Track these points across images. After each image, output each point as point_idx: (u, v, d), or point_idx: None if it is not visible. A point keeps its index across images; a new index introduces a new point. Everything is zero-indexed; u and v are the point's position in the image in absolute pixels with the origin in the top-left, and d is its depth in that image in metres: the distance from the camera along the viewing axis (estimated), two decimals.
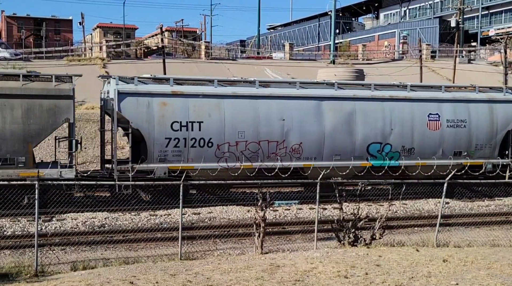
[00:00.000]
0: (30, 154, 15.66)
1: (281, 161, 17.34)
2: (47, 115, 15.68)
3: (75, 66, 41.29)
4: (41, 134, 15.92)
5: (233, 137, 16.97)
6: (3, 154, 15.28)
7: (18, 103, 15.42)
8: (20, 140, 15.47)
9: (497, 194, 19.94)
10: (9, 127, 15.36)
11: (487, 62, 54.16)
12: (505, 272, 9.29)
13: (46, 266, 10.29)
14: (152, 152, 16.43)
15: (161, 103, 16.52)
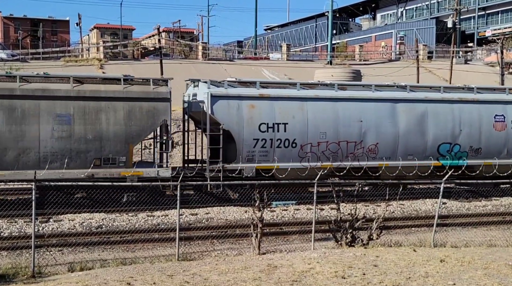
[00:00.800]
0: (130, 154, 16.44)
1: (359, 161, 18.12)
2: (147, 117, 16.45)
3: (72, 67, 41.25)
4: (140, 135, 16.87)
5: (315, 138, 17.75)
6: (106, 153, 16.08)
7: (120, 106, 16.20)
8: (122, 141, 16.23)
9: (494, 194, 20.00)
10: (112, 129, 16.14)
11: (483, 62, 54.30)
12: (502, 272, 9.31)
13: (43, 267, 10.27)
14: (241, 152, 17.19)
15: (250, 105, 17.33)
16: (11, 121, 15.43)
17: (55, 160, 15.68)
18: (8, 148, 15.42)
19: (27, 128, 15.52)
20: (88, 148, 15.96)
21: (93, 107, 16.02)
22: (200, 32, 78.05)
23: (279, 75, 43.88)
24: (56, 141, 15.73)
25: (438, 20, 69.70)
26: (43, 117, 15.62)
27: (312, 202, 12.29)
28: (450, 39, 50.89)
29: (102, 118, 16.07)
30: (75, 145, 15.86)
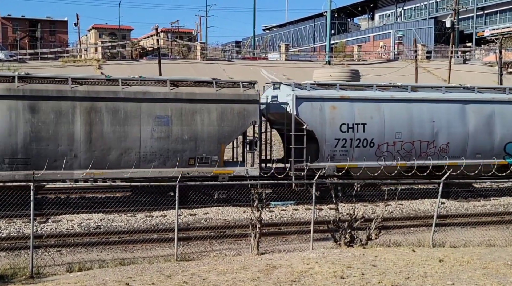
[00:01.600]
0: (221, 154, 17.20)
1: (431, 160, 18.90)
2: (238, 118, 17.23)
3: (70, 67, 41.22)
4: (232, 136, 17.58)
5: (391, 137, 18.64)
6: (200, 153, 16.88)
7: (214, 108, 16.98)
8: (215, 141, 16.99)
9: (493, 193, 20.03)
10: (206, 129, 16.91)
11: (482, 62, 54.34)
12: (501, 272, 9.31)
13: (41, 267, 10.25)
14: (323, 151, 18.01)
15: (331, 107, 18.16)
16: (115, 123, 16.16)
17: (154, 159, 16.47)
18: (112, 148, 16.12)
19: (129, 129, 16.27)
20: (184, 148, 16.73)
21: (189, 109, 16.79)
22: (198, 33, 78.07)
23: (277, 75, 43.88)
24: (155, 142, 16.48)
25: (437, 20, 69.75)
26: (143, 118, 16.38)
27: (311, 202, 12.29)
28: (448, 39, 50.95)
29: (197, 120, 16.86)
30: (172, 145, 16.61)
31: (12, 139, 15.30)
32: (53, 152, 15.57)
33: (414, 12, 78.89)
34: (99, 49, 49.57)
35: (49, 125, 15.56)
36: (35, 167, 14.73)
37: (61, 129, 15.65)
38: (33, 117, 15.48)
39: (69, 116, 15.77)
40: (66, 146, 15.70)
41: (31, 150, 15.43)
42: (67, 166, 15.60)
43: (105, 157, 16.00)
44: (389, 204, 17.70)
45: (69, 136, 15.73)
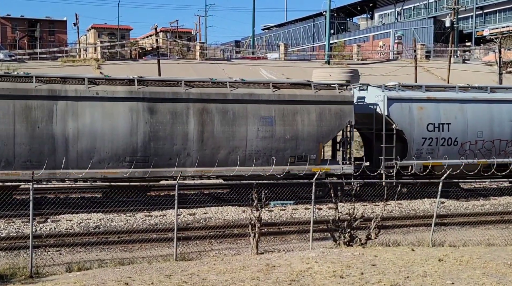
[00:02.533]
0: (319, 152, 18.10)
1: (510, 158, 20.08)
2: (335, 119, 18.04)
3: (69, 67, 41.19)
4: (329, 135, 18.40)
5: (473, 136, 19.64)
6: (300, 152, 17.69)
7: (313, 109, 17.83)
8: (314, 140, 17.83)
9: (492, 193, 20.03)
10: (306, 129, 17.73)
11: (481, 62, 54.35)
12: (501, 271, 9.31)
13: (41, 267, 10.24)
14: (411, 150, 18.95)
15: (419, 107, 19.16)
16: (224, 123, 17.04)
17: (258, 158, 17.33)
18: (221, 147, 17.00)
19: (237, 129, 17.14)
20: (286, 147, 17.56)
21: (290, 110, 17.62)
22: (197, 32, 78.02)
23: (276, 75, 43.88)
24: (260, 141, 17.34)
25: (436, 20, 69.78)
26: (250, 119, 17.25)
27: (310, 202, 12.28)
28: (448, 38, 50.97)
29: (298, 120, 17.68)
30: (275, 144, 17.46)
31: (133, 138, 16.19)
32: (169, 150, 16.51)
33: (413, 11, 78.92)
34: (98, 49, 49.54)
35: (166, 125, 16.48)
36: (152, 165, 16.10)
37: (176, 129, 16.58)
38: (152, 118, 16.39)
39: (183, 117, 16.68)
40: (180, 144, 16.62)
41: (150, 148, 16.35)
42: (181, 164, 16.48)
43: (214, 155, 16.91)
44: (389, 203, 17.69)
45: (183, 136, 16.65)
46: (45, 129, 15.44)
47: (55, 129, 15.54)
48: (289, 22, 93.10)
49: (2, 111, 15.12)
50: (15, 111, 15.22)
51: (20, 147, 15.27)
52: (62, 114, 15.62)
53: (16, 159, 15.27)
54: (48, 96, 15.58)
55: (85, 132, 15.78)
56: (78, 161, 15.71)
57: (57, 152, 15.55)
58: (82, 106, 15.81)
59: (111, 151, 15.99)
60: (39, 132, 15.41)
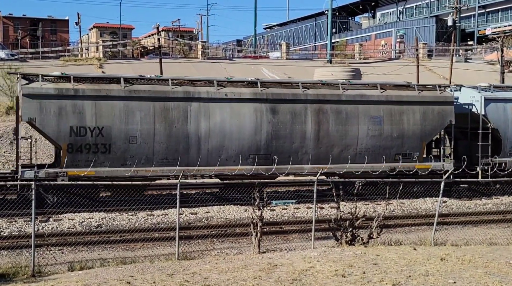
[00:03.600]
0: (422, 150, 19.07)
1: None
2: (437, 118, 19.05)
3: (71, 66, 41.22)
4: (432, 134, 19.31)
5: None
6: (405, 149, 18.74)
7: (417, 109, 18.86)
8: (418, 139, 18.85)
9: (495, 192, 20.00)
10: (411, 128, 18.76)
11: (483, 61, 54.24)
12: (503, 271, 9.30)
13: (43, 266, 10.26)
14: (505, 148, 20.03)
15: None
16: (338, 122, 18.04)
17: (367, 155, 18.29)
18: (334, 145, 18.03)
19: (349, 128, 18.13)
20: (392, 145, 18.60)
21: (397, 110, 18.67)
22: (199, 31, 77.99)
23: (278, 74, 43.85)
24: (369, 139, 18.34)
25: (438, 19, 69.67)
26: (361, 119, 18.26)
27: (312, 201, 12.28)
28: (450, 37, 50.85)
29: (404, 119, 18.70)
30: (383, 142, 18.48)
31: (257, 137, 17.26)
32: (288, 148, 17.57)
33: (415, 10, 78.81)
34: (100, 48, 49.58)
35: (286, 125, 17.53)
36: (272, 162, 17.14)
37: (295, 129, 17.62)
38: (274, 118, 17.43)
39: (302, 117, 17.71)
40: (298, 143, 17.67)
41: (271, 146, 17.42)
42: (298, 161, 17.62)
43: (328, 153, 17.89)
44: (391, 202, 17.68)
45: (301, 135, 17.68)
46: (181, 129, 16.58)
47: (189, 128, 16.66)
48: (291, 21, 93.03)
49: (144, 112, 16.24)
50: (155, 112, 16.35)
51: (158, 145, 16.38)
52: (195, 114, 16.74)
53: (154, 156, 16.37)
54: (183, 97, 16.67)
55: (216, 131, 16.87)
56: (208, 158, 16.84)
57: (190, 150, 16.69)
58: (213, 107, 16.92)
59: (238, 149, 17.08)
60: (175, 132, 16.53)
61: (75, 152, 15.73)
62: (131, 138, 16.09)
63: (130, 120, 16.10)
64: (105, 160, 15.93)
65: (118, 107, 16.04)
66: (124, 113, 16.07)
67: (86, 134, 15.76)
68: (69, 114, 15.65)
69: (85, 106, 15.79)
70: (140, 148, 16.22)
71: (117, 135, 16.00)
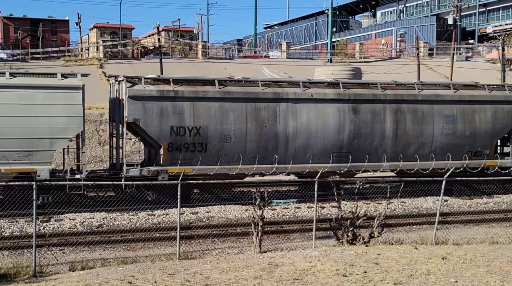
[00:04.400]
0: (493, 148, 20.08)
1: None
2: (507, 117, 20.07)
3: (72, 66, 41.21)
4: (502, 132, 20.39)
5: None
6: (476, 147, 19.70)
7: (488, 108, 19.89)
8: (489, 137, 19.90)
9: (496, 191, 19.98)
10: (483, 127, 19.73)
11: (484, 59, 54.16)
12: (504, 270, 9.29)
13: (44, 266, 10.26)
14: None
15: None
16: (414, 121, 19.02)
17: (441, 153, 19.14)
18: (411, 143, 18.98)
19: (425, 127, 19.11)
20: (465, 143, 19.56)
21: (469, 109, 19.63)
22: (199, 31, 77.99)
23: (279, 73, 43.83)
24: (444, 138, 19.31)
25: (439, 17, 69.53)
26: (435, 118, 19.22)
27: (313, 200, 12.27)
28: (450, 36, 50.78)
29: (476, 118, 19.69)
30: (456, 140, 19.43)
31: (340, 136, 18.22)
32: (368, 147, 18.57)
33: (416, 9, 78.70)
34: (101, 48, 49.57)
35: (367, 124, 18.52)
36: (353, 160, 17.98)
37: (375, 128, 18.60)
38: (355, 117, 18.39)
39: (381, 116, 18.70)
40: (378, 141, 18.68)
41: (353, 145, 18.37)
42: (376, 159, 18.55)
43: (405, 151, 18.84)
44: (392, 201, 17.65)
45: (381, 133, 18.68)
46: (271, 128, 17.53)
47: (278, 128, 17.61)
48: (291, 21, 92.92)
49: (237, 112, 17.20)
50: (247, 112, 17.31)
51: (250, 143, 17.35)
52: (284, 114, 17.68)
53: (246, 155, 17.27)
54: (273, 98, 17.64)
55: (302, 130, 17.81)
56: (294, 156, 17.70)
57: (279, 148, 17.66)
58: (300, 107, 17.84)
59: (322, 147, 18.05)
60: (265, 131, 17.48)
61: (174, 150, 16.65)
62: (225, 137, 17.06)
63: (224, 120, 17.08)
64: (202, 158, 16.72)
65: (213, 108, 17.03)
66: (219, 113, 17.05)
67: (185, 134, 16.71)
68: (170, 115, 16.62)
69: (184, 107, 16.75)
70: (233, 146, 17.15)
71: (213, 135, 16.95)
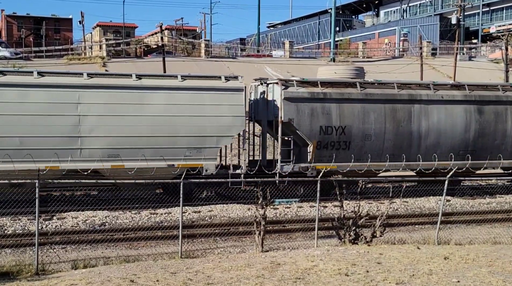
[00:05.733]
0: None
1: None
2: None
3: (75, 65, 41.28)
4: None
5: None
6: None
7: None
8: None
9: (499, 191, 19.94)
10: None
11: (488, 59, 54.02)
12: (507, 270, 9.27)
13: (47, 264, 10.27)
14: None
15: None
16: None
17: None
18: None
19: None
20: None
21: None
22: (202, 30, 77.91)
23: (281, 72, 43.81)
24: None
25: (442, 17, 69.42)
26: None
27: (315, 200, 12.26)
28: (454, 36, 50.66)
29: None
30: None
31: (466, 135, 19.53)
32: (490, 145, 19.79)
33: (419, 8, 78.55)
34: (104, 46, 49.58)
35: (490, 124, 19.84)
36: (476, 158, 19.11)
37: (497, 127, 19.91)
38: (480, 117, 19.72)
39: (503, 117, 20.03)
40: (499, 140, 19.93)
41: (477, 143, 19.65)
42: (497, 157, 19.54)
43: None
44: (394, 201, 17.65)
45: (502, 133, 19.98)
46: (406, 128, 18.93)
47: (412, 127, 19.00)
48: (294, 20, 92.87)
49: (377, 112, 18.61)
50: (385, 113, 18.72)
51: (387, 142, 18.77)
52: (417, 115, 19.06)
53: (383, 152, 18.61)
54: (408, 100, 19.06)
55: (433, 130, 19.16)
56: (425, 154, 18.82)
57: (412, 147, 19.01)
58: (431, 108, 19.21)
59: (450, 146, 19.28)
60: (401, 130, 18.89)
61: (321, 148, 18.09)
62: (366, 136, 18.51)
63: (366, 120, 18.51)
64: (344, 155, 18.09)
65: (357, 109, 18.48)
66: (362, 114, 18.50)
67: (332, 133, 18.15)
68: (319, 115, 18.07)
69: (332, 108, 18.21)
70: (373, 144, 18.60)
71: (356, 134, 18.38)
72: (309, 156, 17.98)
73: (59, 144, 15.57)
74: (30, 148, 15.08)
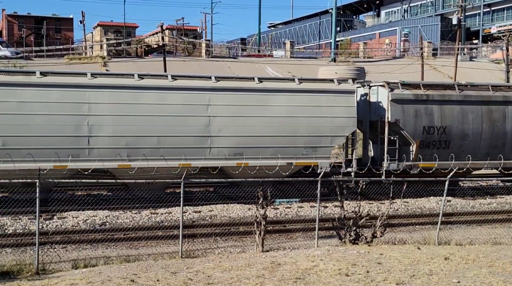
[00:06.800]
0: None
1: None
2: None
3: (75, 64, 41.31)
4: None
5: None
6: None
7: None
8: None
9: (499, 191, 19.93)
10: None
11: (488, 59, 54.03)
12: (507, 270, 9.27)
13: (47, 264, 10.28)
14: None
15: None
16: None
17: None
18: None
19: None
20: None
21: None
22: (203, 30, 77.99)
23: (282, 72, 43.82)
24: None
25: (443, 17, 69.45)
26: None
27: (316, 200, 12.26)
28: (455, 36, 50.67)
29: None
30: None
31: None
32: None
33: (420, 9, 78.56)
34: (104, 46, 49.66)
35: None
36: None
37: None
38: None
39: None
40: None
41: None
42: None
43: None
44: (395, 201, 17.64)
45: None
46: (500, 128, 19.88)
47: (506, 128, 19.96)
48: (295, 20, 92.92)
49: (475, 113, 19.51)
50: (482, 114, 19.62)
51: (483, 141, 19.61)
52: (511, 115, 19.93)
53: (479, 151, 19.51)
54: (502, 101, 19.98)
55: None
56: None
57: (505, 146, 19.93)
58: None
59: None
60: (496, 130, 19.79)
61: (424, 147, 18.94)
62: (464, 136, 19.34)
63: (464, 120, 19.36)
64: (444, 154, 18.89)
65: (456, 110, 19.34)
66: (460, 115, 19.35)
67: (433, 133, 19.04)
68: (422, 116, 18.96)
69: (434, 109, 19.12)
70: (470, 144, 19.40)
71: (455, 134, 19.24)
72: (411, 154, 18.94)
73: (193, 143, 16.81)
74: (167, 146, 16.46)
